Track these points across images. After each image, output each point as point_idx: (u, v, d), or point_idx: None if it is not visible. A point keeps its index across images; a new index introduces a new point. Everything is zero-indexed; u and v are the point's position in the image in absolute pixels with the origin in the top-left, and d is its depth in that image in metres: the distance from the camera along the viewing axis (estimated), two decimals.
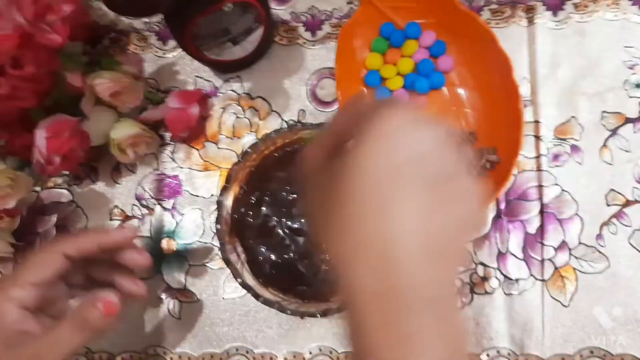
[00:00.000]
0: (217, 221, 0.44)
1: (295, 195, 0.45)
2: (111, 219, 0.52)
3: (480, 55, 0.46)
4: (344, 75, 0.47)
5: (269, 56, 0.52)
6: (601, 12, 0.49)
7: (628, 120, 0.47)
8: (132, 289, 0.39)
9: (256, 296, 0.42)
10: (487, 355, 0.46)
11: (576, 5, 0.49)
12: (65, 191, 0.53)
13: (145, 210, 0.51)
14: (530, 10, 0.49)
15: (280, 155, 0.47)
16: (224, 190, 0.45)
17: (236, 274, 0.43)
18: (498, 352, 0.46)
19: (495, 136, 0.46)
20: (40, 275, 0.34)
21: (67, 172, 0.53)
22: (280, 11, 0.53)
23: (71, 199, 0.53)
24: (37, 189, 0.53)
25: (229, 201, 0.46)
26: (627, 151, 0.47)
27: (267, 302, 0.42)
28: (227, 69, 0.52)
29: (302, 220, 0.45)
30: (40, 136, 0.44)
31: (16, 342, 0.33)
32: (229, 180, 0.45)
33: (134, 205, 0.52)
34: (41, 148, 0.44)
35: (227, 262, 0.43)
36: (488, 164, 0.45)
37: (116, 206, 0.52)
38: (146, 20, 0.55)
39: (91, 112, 0.47)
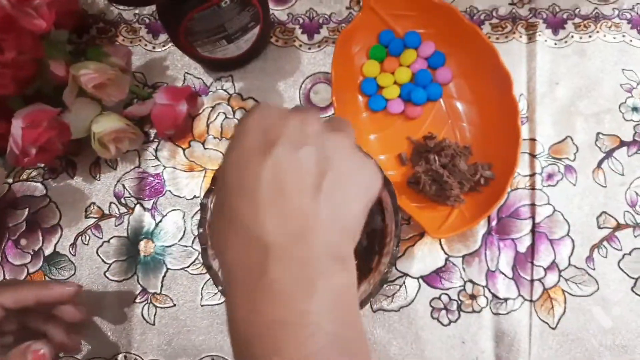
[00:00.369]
0: (200, 224, 0.42)
1: None
2: (87, 217, 0.49)
3: (480, 69, 0.45)
4: (340, 80, 0.46)
5: (263, 57, 0.51)
6: (601, 34, 0.49)
7: (623, 144, 0.47)
8: (65, 343, 0.40)
9: None
10: None
11: (577, 25, 0.49)
12: (39, 185, 0.50)
13: (123, 209, 0.49)
14: (531, 27, 0.49)
15: None
16: (209, 192, 0.42)
17: (217, 281, 0.41)
18: None
19: (491, 152, 0.45)
20: None
21: (43, 165, 0.50)
22: (277, 12, 0.51)
23: (45, 193, 0.50)
24: (10, 180, 0.50)
25: (212, 204, 0.44)
26: (620, 174, 0.47)
27: None
28: (219, 67, 0.50)
29: None
30: (17, 125, 0.41)
31: None
32: (214, 182, 0.43)
33: (112, 203, 0.49)
34: (17, 138, 0.41)
35: (209, 268, 0.41)
36: (482, 179, 0.44)
37: (93, 203, 0.49)
38: (137, 12, 0.53)
39: (73, 104, 0.45)
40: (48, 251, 0.49)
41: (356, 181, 0.27)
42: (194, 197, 0.49)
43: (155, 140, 0.50)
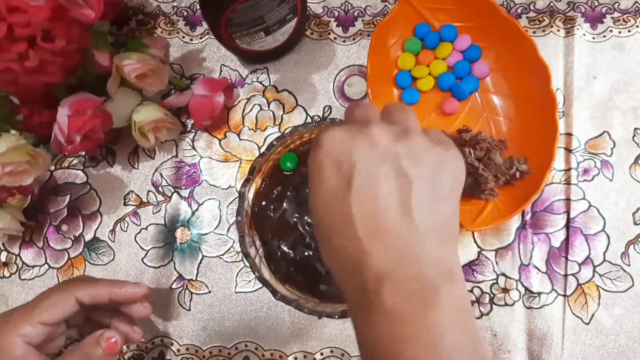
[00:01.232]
0: (238, 212, 0.43)
1: None
2: (125, 204, 0.50)
3: (518, 62, 0.45)
4: (375, 73, 0.46)
5: (298, 49, 0.51)
6: None
7: None
8: (131, 336, 0.41)
9: (273, 292, 0.41)
10: None
11: (616, 20, 0.48)
12: (80, 172, 0.52)
13: (161, 197, 0.50)
14: (569, 21, 0.48)
15: (306, 150, 0.46)
16: (247, 181, 0.43)
17: (254, 268, 0.42)
18: None
19: (527, 146, 0.45)
20: (52, 316, 0.36)
21: (84, 153, 0.52)
22: (313, 4, 0.52)
23: (85, 181, 0.52)
24: (51, 168, 0.52)
25: (250, 193, 0.45)
26: None
27: (284, 299, 0.41)
28: (256, 59, 0.51)
29: None
30: (63, 113, 0.43)
31: None
32: (252, 171, 0.43)
33: (150, 191, 0.51)
34: (62, 125, 0.43)
35: (246, 255, 0.42)
36: (518, 173, 0.44)
37: (132, 191, 0.51)
38: (175, 4, 0.54)
39: (116, 93, 0.46)
40: (88, 237, 0.50)
41: (442, 181, 0.27)
42: (229, 186, 0.50)
43: (192, 130, 0.51)
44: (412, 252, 0.26)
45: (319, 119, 0.50)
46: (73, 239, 0.50)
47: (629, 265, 0.45)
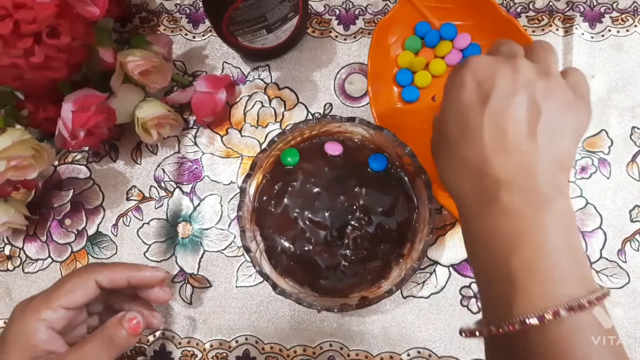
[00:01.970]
0: (239, 208, 0.43)
1: (318, 189, 0.45)
2: (128, 199, 0.51)
3: None
4: (376, 71, 0.47)
5: (300, 47, 0.52)
6: (639, 28, 0.48)
7: None
8: (150, 321, 0.41)
9: (274, 286, 0.42)
10: None
11: (614, 19, 0.49)
12: (83, 167, 0.52)
13: (163, 193, 0.51)
14: (567, 21, 0.49)
15: (307, 146, 0.46)
16: (248, 177, 0.44)
17: (255, 262, 0.42)
18: None
19: None
20: (72, 300, 0.36)
21: (87, 149, 0.52)
22: (314, 3, 0.52)
23: (89, 176, 0.52)
24: (55, 163, 0.53)
25: (251, 189, 0.45)
26: None
27: (284, 294, 0.42)
28: (258, 56, 0.52)
29: (325, 214, 0.45)
30: (67, 109, 0.43)
31: None
32: (253, 167, 0.44)
33: (152, 186, 0.51)
34: (66, 121, 0.43)
35: (247, 249, 0.42)
36: None
37: (134, 186, 0.51)
38: (178, 1, 0.54)
39: (119, 90, 0.46)
40: (91, 231, 0.51)
41: (566, 120, 0.30)
42: (231, 182, 0.50)
43: (195, 127, 0.52)
44: (530, 168, 0.29)
45: (319, 116, 0.51)
46: (76, 233, 0.51)
47: (625, 262, 0.46)
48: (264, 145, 0.50)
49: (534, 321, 0.26)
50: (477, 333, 0.30)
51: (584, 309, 0.26)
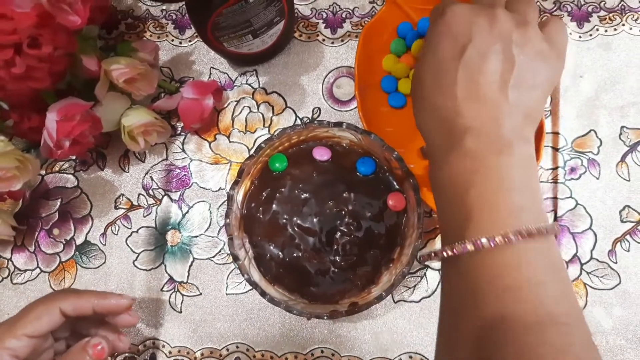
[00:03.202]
0: (227, 215, 0.43)
1: (307, 194, 0.45)
2: (116, 207, 0.51)
3: None
4: (363, 75, 0.46)
5: (287, 51, 0.51)
6: (627, 27, 0.48)
7: None
8: (117, 345, 0.41)
9: (262, 294, 0.41)
10: None
11: (602, 18, 0.48)
12: (70, 176, 0.52)
13: (151, 200, 0.51)
14: None
15: (295, 152, 0.46)
16: (235, 184, 0.44)
17: (243, 270, 0.42)
18: None
19: None
20: (37, 328, 0.36)
21: (74, 157, 0.52)
22: (301, 6, 0.52)
23: (76, 185, 0.52)
24: (42, 172, 0.52)
25: (239, 196, 0.45)
26: None
27: (273, 301, 0.41)
28: (244, 61, 0.51)
29: (313, 220, 0.44)
30: (51, 118, 0.43)
31: None
32: (240, 174, 0.44)
33: (140, 194, 0.51)
34: (51, 131, 0.43)
35: (235, 257, 0.42)
36: None
37: (122, 194, 0.51)
38: (164, 7, 0.54)
39: (104, 98, 0.46)
40: (79, 240, 0.50)
41: (537, 73, 0.31)
42: (220, 189, 0.50)
43: (182, 133, 0.51)
44: (498, 117, 0.30)
45: (308, 121, 0.50)
46: (64, 242, 0.51)
47: (616, 262, 0.45)
48: (252, 151, 0.49)
49: (485, 242, 0.28)
50: (433, 254, 0.32)
51: (532, 236, 0.28)
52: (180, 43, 0.53)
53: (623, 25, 0.48)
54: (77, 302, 0.38)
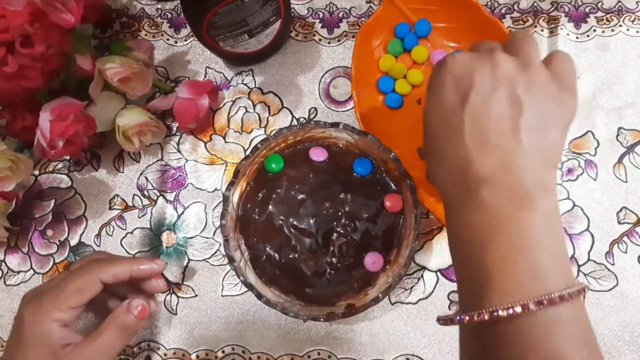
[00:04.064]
0: (222, 216, 0.43)
1: (303, 195, 0.44)
2: (111, 208, 0.50)
3: None
4: (360, 75, 0.46)
5: (283, 51, 0.51)
6: (624, 27, 0.48)
7: None
8: (151, 307, 0.43)
9: (258, 296, 0.41)
10: None
11: (599, 19, 0.48)
12: (64, 177, 0.51)
13: (146, 201, 0.50)
14: (552, 21, 0.48)
15: (291, 152, 0.46)
16: (231, 185, 0.43)
17: (239, 272, 0.41)
18: None
19: None
20: (80, 300, 0.39)
21: (68, 158, 0.51)
22: (298, 6, 0.52)
23: (70, 185, 0.51)
24: (36, 172, 0.52)
25: (235, 197, 0.44)
26: None
27: (269, 303, 0.41)
28: (240, 61, 0.51)
29: (310, 221, 0.44)
30: (45, 118, 0.42)
31: (63, 353, 0.37)
32: (236, 175, 0.43)
33: (135, 195, 0.50)
34: (44, 130, 0.42)
35: (231, 259, 0.42)
36: None
37: (117, 195, 0.50)
38: (159, 6, 0.53)
39: (98, 97, 0.45)
40: (73, 242, 0.50)
41: (550, 113, 0.30)
42: (215, 189, 0.50)
43: (177, 133, 0.51)
44: (514, 165, 0.29)
45: (304, 121, 0.50)
46: (58, 244, 0.50)
47: (613, 264, 0.45)
48: (248, 152, 0.49)
49: (502, 313, 0.27)
50: (452, 321, 0.30)
51: (554, 303, 0.26)
52: (176, 42, 0.53)
53: (620, 26, 0.48)
54: (116, 270, 0.40)
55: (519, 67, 0.30)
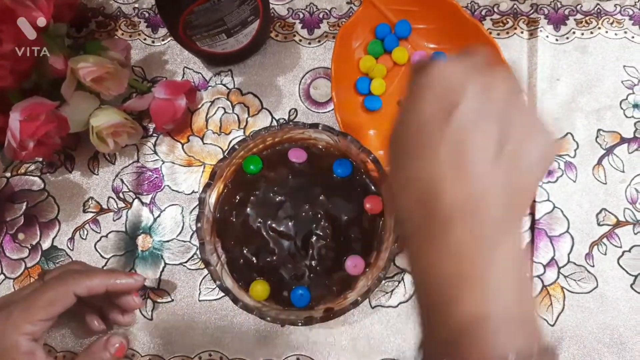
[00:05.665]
0: (198, 219, 0.42)
1: (282, 197, 0.44)
2: (85, 211, 0.49)
3: None
4: (340, 76, 0.45)
5: (263, 51, 0.50)
6: (603, 30, 0.48)
7: (623, 140, 0.47)
8: (120, 320, 0.44)
9: (235, 301, 0.40)
10: None
11: (579, 21, 0.48)
12: (37, 179, 0.50)
13: (121, 204, 0.49)
14: (532, 23, 0.48)
15: (270, 153, 0.45)
16: (207, 187, 0.42)
17: (215, 276, 0.41)
18: None
19: None
20: (50, 313, 0.38)
21: (41, 159, 0.50)
22: (277, 6, 0.51)
23: (43, 187, 0.50)
24: (7, 174, 0.50)
25: (211, 199, 0.44)
26: (621, 171, 0.47)
27: (246, 308, 0.40)
28: (219, 61, 0.50)
29: (289, 223, 0.43)
30: (15, 118, 0.41)
31: None
32: (213, 176, 0.42)
33: (110, 197, 0.49)
34: (14, 131, 0.41)
35: (207, 263, 0.41)
36: None
37: (91, 198, 0.49)
38: (136, 5, 0.52)
39: (72, 98, 0.44)
40: (46, 245, 0.49)
41: (533, 156, 0.27)
42: (193, 192, 0.49)
43: (154, 134, 0.50)
44: (488, 198, 0.26)
45: (284, 122, 0.49)
46: (30, 247, 0.49)
47: (593, 266, 0.45)
48: (226, 153, 0.48)
49: None
50: None
51: None
52: (153, 42, 0.52)
53: (599, 28, 0.48)
54: (91, 284, 0.39)
55: (512, 97, 0.27)
